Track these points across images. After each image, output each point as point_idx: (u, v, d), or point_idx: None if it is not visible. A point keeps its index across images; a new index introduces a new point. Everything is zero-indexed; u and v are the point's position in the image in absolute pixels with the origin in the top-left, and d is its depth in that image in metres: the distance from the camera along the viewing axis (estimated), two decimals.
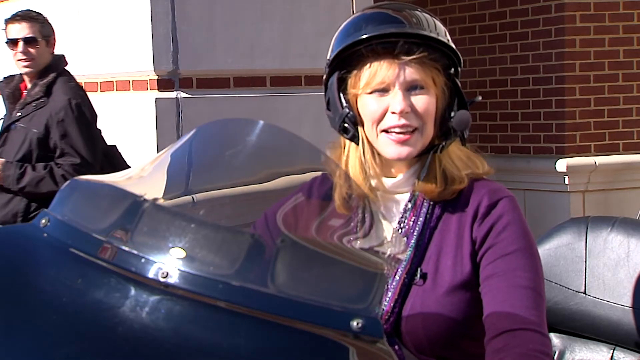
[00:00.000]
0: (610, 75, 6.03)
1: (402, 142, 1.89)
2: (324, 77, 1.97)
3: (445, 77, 1.93)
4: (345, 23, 1.97)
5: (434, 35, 1.89)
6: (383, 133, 1.90)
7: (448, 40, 1.92)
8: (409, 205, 1.94)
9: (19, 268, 1.34)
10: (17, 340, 1.23)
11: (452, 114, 1.92)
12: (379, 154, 1.94)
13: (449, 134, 1.93)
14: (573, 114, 5.95)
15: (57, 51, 4.32)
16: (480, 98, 2.09)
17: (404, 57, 1.88)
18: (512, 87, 6.26)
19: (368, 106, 1.91)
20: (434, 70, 1.91)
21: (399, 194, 1.96)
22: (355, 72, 1.92)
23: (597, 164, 5.88)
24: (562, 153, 5.91)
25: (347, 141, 1.97)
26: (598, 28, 5.99)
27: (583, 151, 5.95)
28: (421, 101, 1.89)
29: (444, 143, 1.93)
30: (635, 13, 6.09)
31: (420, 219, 1.92)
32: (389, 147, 1.90)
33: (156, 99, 4.33)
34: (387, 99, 1.89)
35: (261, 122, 1.48)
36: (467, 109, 1.94)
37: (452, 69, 1.94)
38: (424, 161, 1.94)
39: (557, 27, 5.96)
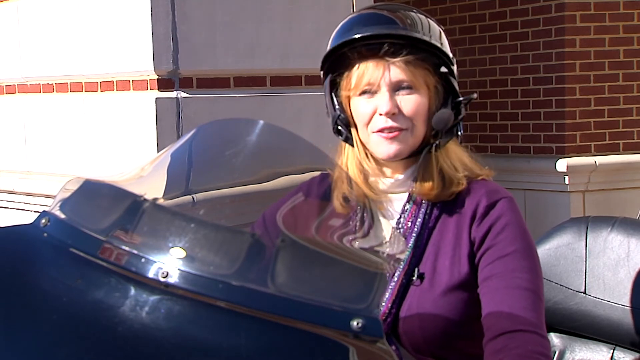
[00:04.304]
0: (611, 75, 6.02)
1: (391, 140, 1.89)
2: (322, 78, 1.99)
3: (438, 77, 1.92)
4: (339, 25, 1.97)
5: (418, 35, 1.88)
6: (373, 133, 1.91)
7: (431, 38, 1.88)
8: (407, 206, 1.94)
9: (19, 268, 1.34)
10: (17, 340, 1.23)
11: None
12: (372, 156, 1.94)
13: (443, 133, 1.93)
14: (573, 114, 5.95)
15: (57, 52, 4.31)
16: (475, 95, 2.09)
17: (389, 59, 1.87)
18: (512, 87, 6.25)
19: (358, 108, 1.92)
20: (424, 70, 1.90)
21: (397, 194, 1.96)
22: (346, 74, 1.93)
23: (597, 164, 5.87)
24: (562, 153, 5.91)
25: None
26: (598, 28, 5.98)
27: (583, 151, 5.94)
28: (409, 102, 1.89)
29: (437, 142, 1.92)
30: (635, 13, 6.09)
31: (419, 219, 1.92)
32: (379, 147, 1.90)
33: (156, 99, 4.32)
34: (375, 100, 1.90)
35: (261, 122, 1.49)
36: (461, 108, 1.94)
37: (445, 68, 1.93)
38: (419, 161, 1.94)
39: (557, 27, 5.96)
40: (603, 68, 6.00)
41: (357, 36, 1.87)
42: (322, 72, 1.97)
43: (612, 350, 2.27)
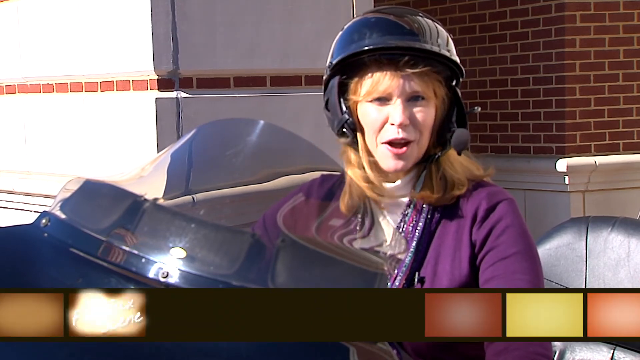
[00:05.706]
0: (610, 75, 6.02)
1: (399, 156, 1.89)
2: (324, 78, 1.97)
3: (446, 89, 1.92)
4: (347, 27, 1.95)
5: (436, 49, 1.88)
6: (382, 144, 1.90)
7: (450, 51, 1.91)
8: (408, 210, 1.93)
9: (19, 268, 1.34)
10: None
11: (450, 125, 1.92)
12: (375, 162, 1.93)
13: (446, 144, 1.93)
14: (573, 114, 5.95)
15: (57, 52, 4.31)
16: (479, 109, 2.09)
17: (407, 70, 1.87)
18: (512, 87, 6.25)
19: (368, 115, 1.90)
20: (436, 82, 1.90)
21: (398, 198, 1.95)
22: (356, 79, 1.91)
23: (597, 164, 5.87)
24: (562, 153, 5.91)
25: None
26: (598, 28, 5.98)
27: (583, 151, 5.94)
28: (421, 113, 1.89)
29: (439, 153, 1.92)
30: (635, 13, 6.08)
31: (420, 224, 1.92)
32: (387, 160, 1.90)
33: (156, 99, 4.32)
34: (388, 109, 1.88)
35: (261, 122, 1.49)
36: (466, 120, 1.94)
37: (454, 80, 1.93)
38: (421, 169, 1.93)
39: (557, 27, 5.96)
40: (603, 68, 6.00)
41: (383, 46, 1.86)
42: (328, 72, 1.95)
43: (612, 350, 2.27)
